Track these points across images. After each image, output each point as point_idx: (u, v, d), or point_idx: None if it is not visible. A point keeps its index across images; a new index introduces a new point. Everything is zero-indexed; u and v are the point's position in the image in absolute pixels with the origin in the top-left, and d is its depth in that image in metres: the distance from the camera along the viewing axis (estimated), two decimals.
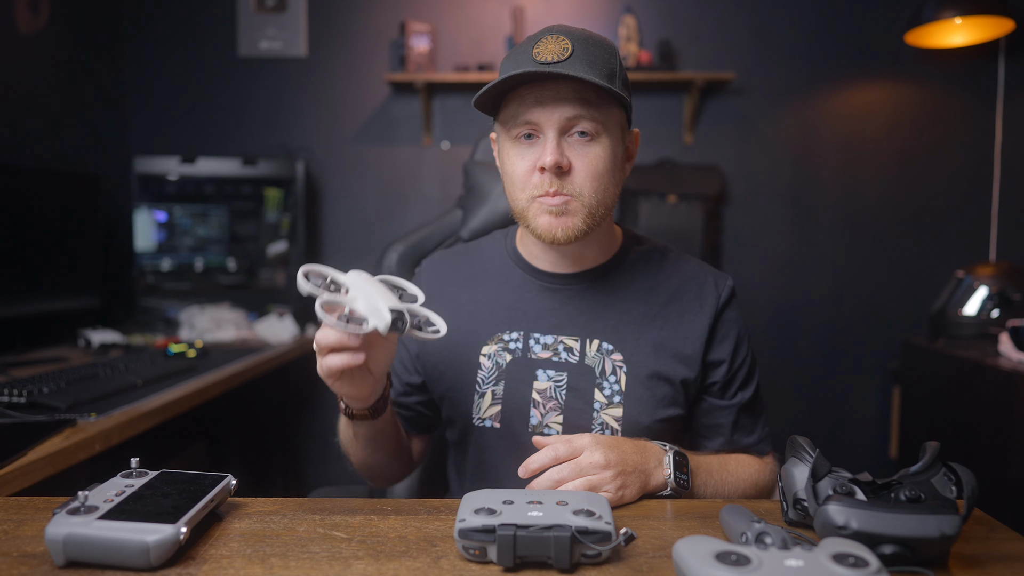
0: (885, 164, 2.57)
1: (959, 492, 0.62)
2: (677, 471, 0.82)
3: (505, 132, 0.89)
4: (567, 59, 0.82)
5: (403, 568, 0.59)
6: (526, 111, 0.85)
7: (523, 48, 0.86)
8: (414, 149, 2.62)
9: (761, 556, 0.50)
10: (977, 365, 1.93)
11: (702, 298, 0.95)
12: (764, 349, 2.61)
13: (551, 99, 0.83)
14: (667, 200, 2.41)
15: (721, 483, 0.90)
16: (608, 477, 0.76)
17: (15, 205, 1.81)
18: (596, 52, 0.84)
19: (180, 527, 0.58)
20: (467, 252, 1.05)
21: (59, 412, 1.20)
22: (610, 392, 0.90)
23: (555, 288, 0.95)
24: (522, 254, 0.98)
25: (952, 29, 2.33)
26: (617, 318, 0.93)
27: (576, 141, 0.85)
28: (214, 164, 2.39)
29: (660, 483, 0.81)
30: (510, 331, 0.94)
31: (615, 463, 0.77)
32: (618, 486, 0.76)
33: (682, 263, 0.99)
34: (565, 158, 0.84)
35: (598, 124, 0.85)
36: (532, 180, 0.86)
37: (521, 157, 0.87)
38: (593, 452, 0.77)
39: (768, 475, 0.96)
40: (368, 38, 2.58)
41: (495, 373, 0.93)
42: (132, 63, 2.59)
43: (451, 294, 1.00)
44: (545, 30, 0.87)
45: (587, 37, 0.86)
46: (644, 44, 2.52)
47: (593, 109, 0.84)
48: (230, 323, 2.18)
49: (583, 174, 0.85)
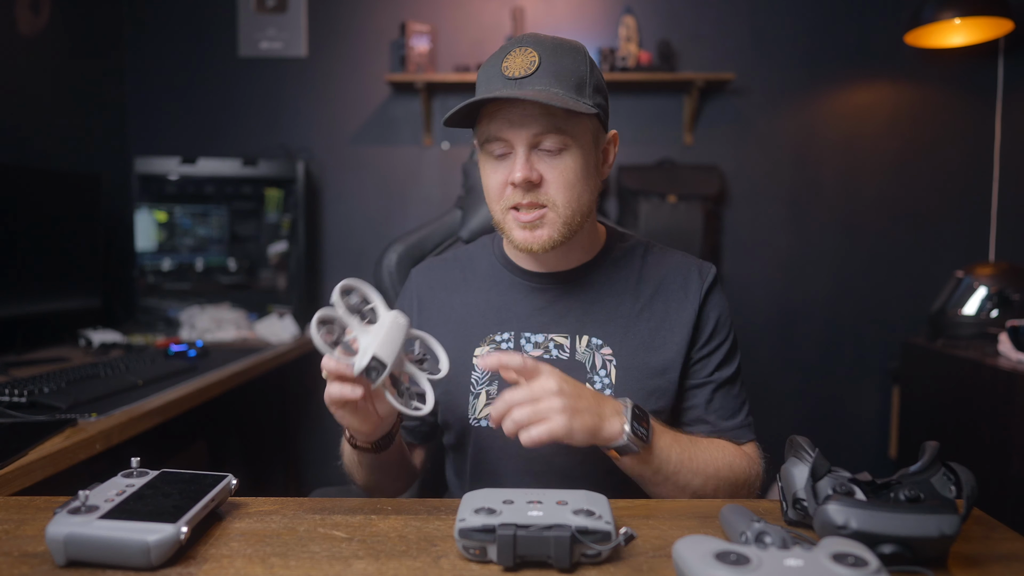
0: (884, 164, 2.57)
1: (958, 492, 0.62)
2: (635, 422, 0.79)
3: (480, 147, 0.92)
4: (534, 73, 0.85)
5: (403, 568, 0.59)
6: (496, 129, 0.87)
7: (493, 62, 0.89)
8: (414, 149, 2.62)
9: (761, 556, 0.50)
10: (976, 365, 1.93)
11: (687, 288, 0.97)
12: (764, 349, 2.61)
13: (519, 117, 0.86)
14: (667, 200, 2.41)
15: (689, 456, 0.86)
16: (557, 406, 0.74)
17: (15, 205, 1.81)
18: (564, 62, 0.87)
19: (181, 527, 0.58)
20: (456, 258, 1.07)
21: (60, 412, 1.20)
22: (600, 386, 0.92)
23: (543, 288, 0.97)
24: (509, 256, 1.01)
25: (951, 29, 2.33)
26: (605, 313, 0.95)
27: (546, 154, 0.88)
28: (214, 164, 2.39)
29: (615, 432, 0.78)
30: (501, 332, 0.96)
31: (568, 394, 0.75)
32: (566, 417, 0.74)
33: (666, 256, 1.01)
34: (535, 172, 0.87)
35: (566, 137, 0.87)
36: (505, 193, 0.89)
37: (495, 171, 0.90)
38: (548, 379, 0.75)
39: (745, 462, 0.92)
40: (368, 38, 2.58)
41: (488, 374, 0.94)
42: (132, 63, 2.59)
43: (442, 299, 1.02)
44: (515, 41, 0.89)
45: (556, 45, 0.87)
46: (644, 44, 2.52)
47: (560, 122, 0.86)
48: (230, 323, 2.18)
49: (555, 185, 0.88)
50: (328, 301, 0.72)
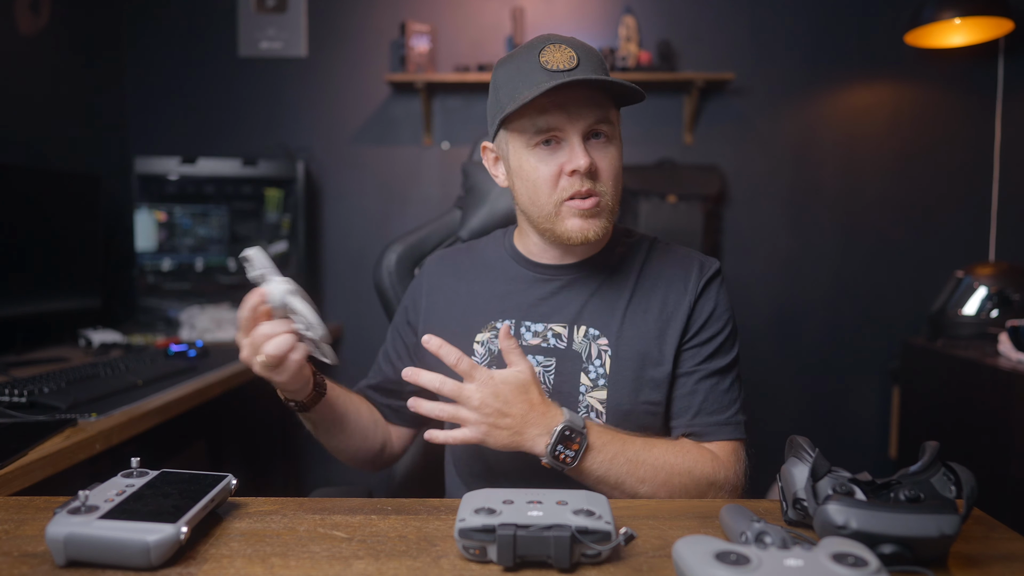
0: (885, 164, 2.57)
1: (958, 492, 0.62)
2: (561, 444, 0.80)
3: (519, 139, 0.91)
4: (578, 66, 0.86)
5: (403, 568, 0.59)
6: (547, 117, 0.87)
7: (526, 57, 0.88)
8: (414, 149, 2.62)
9: (761, 556, 0.50)
10: (976, 365, 1.93)
11: (687, 282, 0.97)
12: (764, 349, 2.61)
13: (573, 105, 0.87)
14: (667, 200, 2.41)
15: (636, 465, 0.84)
16: (473, 418, 0.80)
17: (15, 205, 1.81)
18: (594, 57, 0.89)
19: (180, 527, 0.58)
20: (469, 248, 1.10)
21: (60, 412, 1.20)
22: (595, 375, 0.93)
23: (547, 278, 0.99)
24: (519, 250, 1.02)
25: (951, 29, 2.33)
26: (604, 305, 0.96)
27: (596, 143, 0.90)
28: (214, 164, 2.39)
29: (538, 451, 0.81)
30: (502, 320, 0.98)
31: (488, 410, 0.79)
32: (480, 430, 0.80)
33: (670, 251, 1.02)
34: (593, 160, 0.88)
35: (612, 127, 0.90)
36: (561, 183, 0.89)
37: (544, 162, 0.90)
38: (476, 391, 0.80)
39: (710, 465, 0.88)
40: (368, 38, 2.58)
41: (487, 359, 0.96)
42: (132, 63, 2.59)
43: (450, 285, 1.04)
44: (542, 39, 0.89)
45: (582, 44, 0.90)
46: (644, 44, 2.52)
47: (608, 112, 0.89)
48: (230, 323, 2.18)
49: (607, 175, 0.90)
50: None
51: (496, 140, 0.96)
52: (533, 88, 0.84)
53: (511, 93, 0.88)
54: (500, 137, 0.95)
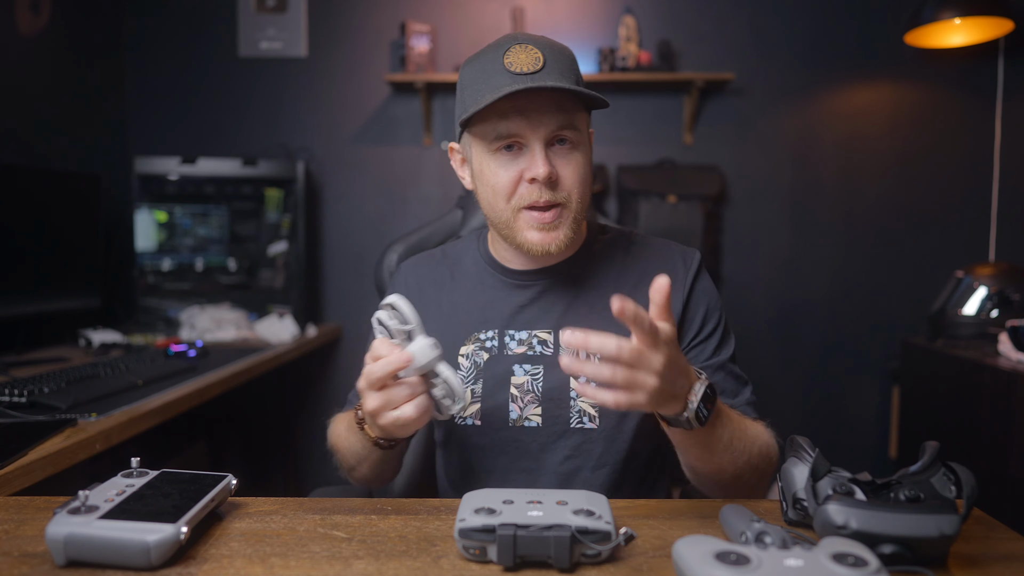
0: (885, 164, 2.57)
1: (958, 492, 0.62)
2: (702, 403, 0.72)
3: (481, 143, 0.88)
4: (543, 69, 0.83)
5: (403, 568, 0.59)
6: (507, 123, 0.84)
7: (491, 57, 0.86)
8: (414, 149, 2.62)
9: (761, 556, 0.50)
10: (976, 365, 1.93)
11: (672, 276, 0.94)
12: (764, 349, 2.61)
13: (535, 111, 0.84)
14: (667, 200, 2.41)
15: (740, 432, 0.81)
16: (651, 385, 0.67)
17: (15, 205, 1.81)
18: (563, 59, 0.86)
19: (180, 527, 0.58)
20: (444, 255, 1.06)
21: (60, 412, 1.20)
22: (585, 379, 0.90)
23: (526, 285, 0.97)
24: (493, 254, 1.00)
25: (951, 29, 2.33)
26: (588, 308, 0.94)
27: (559, 150, 0.87)
28: (214, 164, 2.39)
29: (675, 410, 0.72)
30: (486, 330, 0.96)
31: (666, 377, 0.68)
32: (652, 398, 0.68)
33: (648, 245, 1.00)
34: (554, 168, 0.85)
35: (577, 132, 0.87)
36: (519, 191, 0.87)
37: (504, 168, 0.87)
38: (657, 356, 0.67)
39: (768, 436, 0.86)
40: (368, 38, 2.58)
41: (473, 372, 0.94)
42: (132, 63, 2.59)
43: (430, 295, 1.01)
44: (508, 38, 0.87)
45: (550, 45, 0.87)
46: (644, 44, 2.52)
47: (572, 118, 0.86)
48: (230, 323, 2.18)
49: (571, 182, 0.87)
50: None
51: (461, 142, 0.94)
52: (494, 91, 0.82)
53: (474, 95, 0.85)
54: (464, 139, 0.92)
